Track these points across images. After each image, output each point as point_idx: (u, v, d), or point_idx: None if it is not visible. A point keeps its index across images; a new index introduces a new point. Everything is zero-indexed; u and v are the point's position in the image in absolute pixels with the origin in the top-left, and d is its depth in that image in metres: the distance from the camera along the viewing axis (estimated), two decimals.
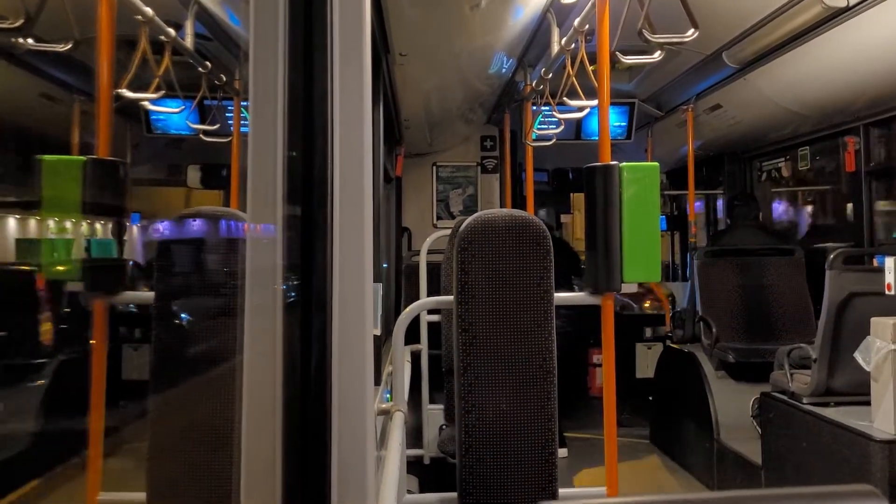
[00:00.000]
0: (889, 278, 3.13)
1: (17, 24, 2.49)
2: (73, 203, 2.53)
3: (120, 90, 3.15)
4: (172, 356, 2.31)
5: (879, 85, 3.95)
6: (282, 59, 0.93)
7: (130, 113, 5.47)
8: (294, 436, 0.91)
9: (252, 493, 0.92)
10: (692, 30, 2.68)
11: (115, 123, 2.58)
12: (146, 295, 2.47)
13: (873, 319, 3.42)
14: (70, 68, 4.27)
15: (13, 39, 2.60)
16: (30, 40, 2.65)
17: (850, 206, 5.32)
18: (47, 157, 2.47)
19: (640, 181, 2.65)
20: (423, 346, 5.09)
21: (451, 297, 2.58)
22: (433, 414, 5.02)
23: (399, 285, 6.50)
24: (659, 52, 3.20)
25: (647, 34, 2.67)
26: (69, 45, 2.70)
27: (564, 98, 4.35)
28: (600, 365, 7.18)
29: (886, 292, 3.17)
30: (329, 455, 0.93)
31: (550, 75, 4.48)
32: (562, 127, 5.26)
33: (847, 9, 3.56)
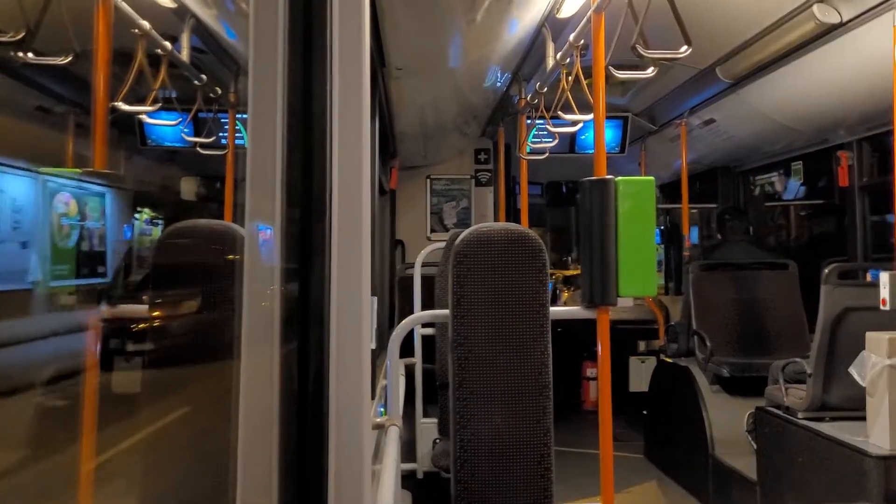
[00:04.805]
0: (884, 293, 3.14)
1: (18, 38, 2.49)
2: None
3: (116, 103, 3.14)
4: (167, 369, 2.30)
5: (873, 100, 3.98)
6: (281, 74, 0.93)
7: (124, 126, 5.46)
8: (291, 450, 0.91)
9: None
10: (685, 46, 2.69)
11: (110, 136, 2.58)
12: (140, 308, 2.45)
13: (868, 334, 3.42)
14: (66, 81, 4.27)
15: (13, 53, 2.59)
16: (30, 54, 2.65)
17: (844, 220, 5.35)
18: (44, 168, 2.46)
19: (635, 195, 2.66)
20: (417, 359, 5.08)
21: (446, 311, 2.57)
22: (427, 428, 5.00)
23: (393, 298, 6.50)
24: (652, 67, 3.22)
25: (640, 49, 2.68)
26: (69, 59, 2.70)
27: (559, 112, 4.37)
28: (594, 378, 7.19)
29: (881, 307, 3.17)
30: (326, 469, 0.93)
31: (545, 89, 4.50)
32: (556, 140, 5.28)
33: (840, 25, 3.59)
